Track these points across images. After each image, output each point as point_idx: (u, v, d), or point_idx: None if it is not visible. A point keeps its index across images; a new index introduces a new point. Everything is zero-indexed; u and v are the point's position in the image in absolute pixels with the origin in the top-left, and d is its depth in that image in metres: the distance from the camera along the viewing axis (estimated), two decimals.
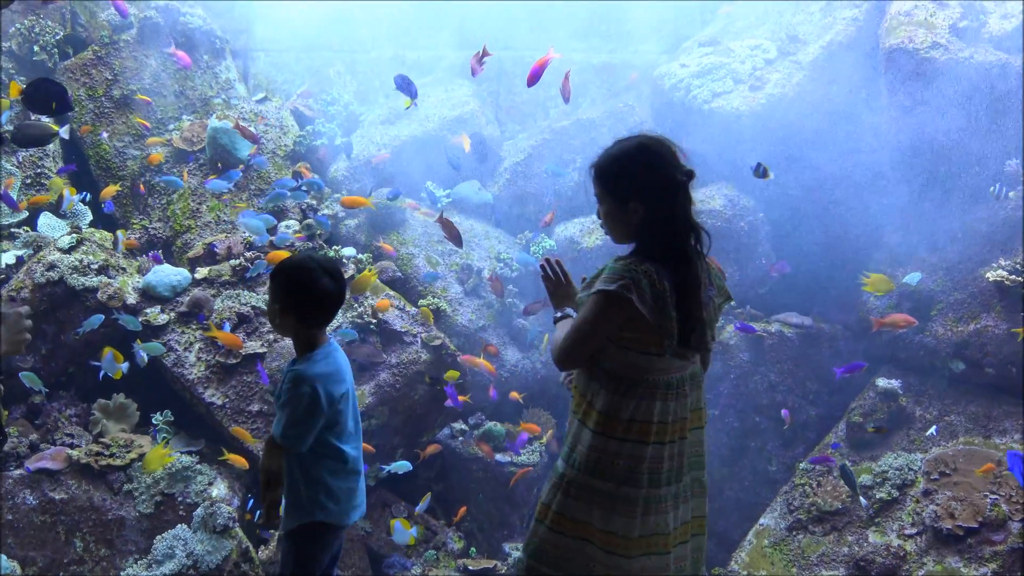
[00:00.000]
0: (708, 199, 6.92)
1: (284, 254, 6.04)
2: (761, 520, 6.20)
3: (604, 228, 2.75)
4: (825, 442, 6.36)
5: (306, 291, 2.88)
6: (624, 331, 2.60)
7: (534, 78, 5.31)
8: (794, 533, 5.97)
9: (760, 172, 5.62)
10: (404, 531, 5.40)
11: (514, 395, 6.33)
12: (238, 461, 5.56)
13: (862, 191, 6.64)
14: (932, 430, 5.99)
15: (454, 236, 6.04)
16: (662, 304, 2.55)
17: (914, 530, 5.53)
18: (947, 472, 5.65)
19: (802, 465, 6.21)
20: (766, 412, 6.57)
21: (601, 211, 2.72)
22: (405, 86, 5.69)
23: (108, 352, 5.42)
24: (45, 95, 4.62)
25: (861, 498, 5.75)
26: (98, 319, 5.66)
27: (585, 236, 7.01)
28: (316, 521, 3.03)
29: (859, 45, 6.98)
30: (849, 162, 6.71)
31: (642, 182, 2.61)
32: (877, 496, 5.77)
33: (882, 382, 6.27)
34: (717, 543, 6.54)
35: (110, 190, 6.57)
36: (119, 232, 6.38)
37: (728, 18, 8.03)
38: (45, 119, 6.12)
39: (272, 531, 5.69)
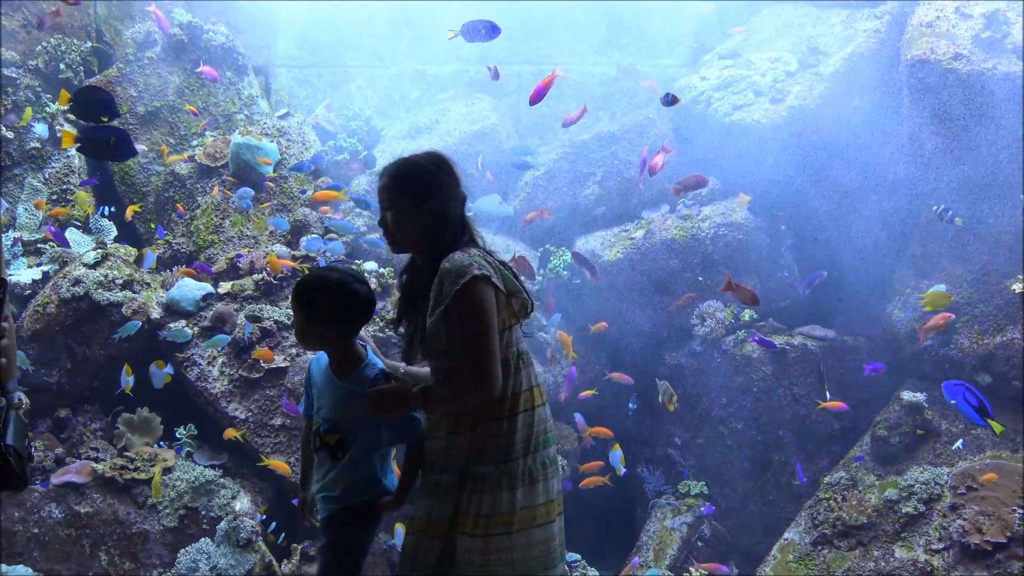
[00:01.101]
0: (729, 212, 6.90)
1: (274, 259, 6.16)
2: (785, 535, 6.15)
3: (386, 235, 2.81)
4: (849, 455, 6.30)
5: (350, 304, 2.83)
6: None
7: (538, 96, 5.34)
8: (819, 548, 5.91)
9: (668, 100, 5.65)
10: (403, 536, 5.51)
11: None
12: (279, 467, 5.57)
13: (884, 203, 6.59)
14: (958, 444, 5.91)
15: (526, 271, 6.03)
16: (501, 272, 2.67)
17: (941, 545, 5.47)
18: (974, 486, 5.59)
19: (826, 479, 6.15)
20: (790, 426, 6.52)
21: (389, 216, 2.76)
22: (482, 30, 5.51)
23: (124, 367, 5.55)
24: (93, 103, 4.71)
25: (827, 392, 6.19)
26: (135, 325, 5.73)
27: (606, 249, 6.99)
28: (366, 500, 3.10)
29: (880, 56, 6.96)
30: (871, 174, 6.68)
31: (438, 184, 2.74)
32: (903, 511, 5.71)
33: (907, 395, 6.20)
34: (741, 557, 6.50)
35: (133, 208, 6.63)
36: (148, 249, 6.43)
37: (748, 31, 8.02)
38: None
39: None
